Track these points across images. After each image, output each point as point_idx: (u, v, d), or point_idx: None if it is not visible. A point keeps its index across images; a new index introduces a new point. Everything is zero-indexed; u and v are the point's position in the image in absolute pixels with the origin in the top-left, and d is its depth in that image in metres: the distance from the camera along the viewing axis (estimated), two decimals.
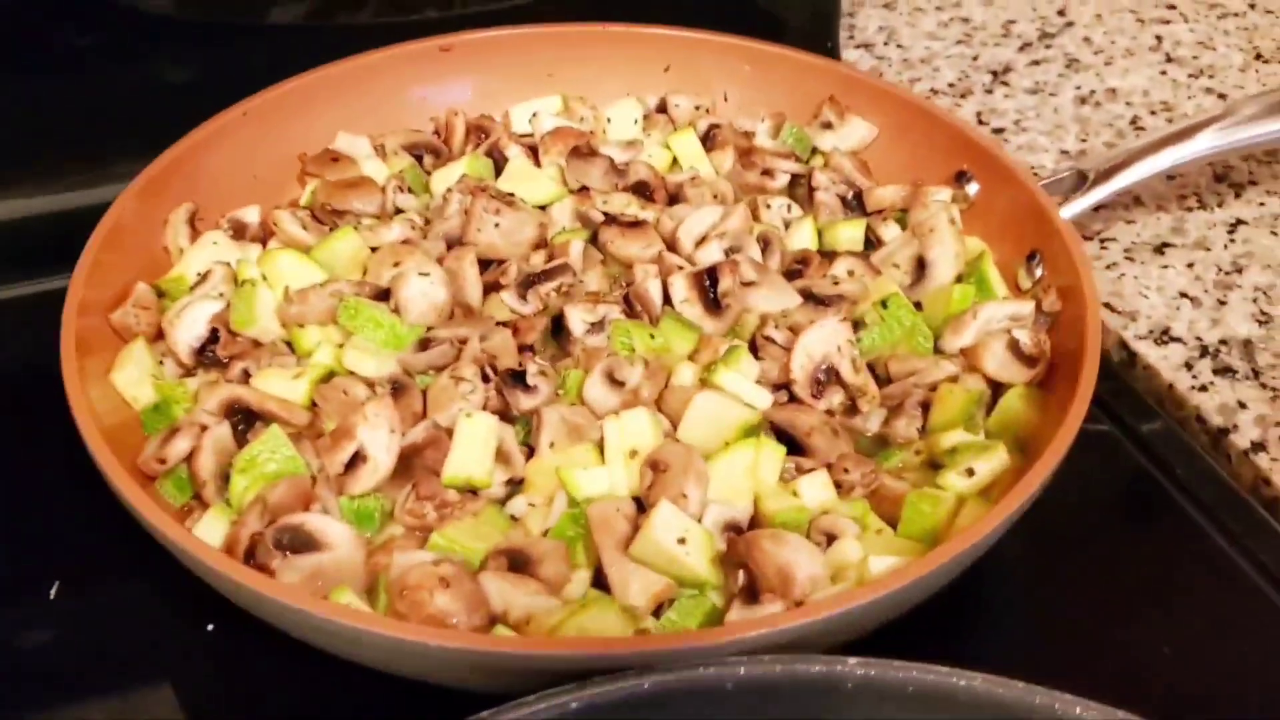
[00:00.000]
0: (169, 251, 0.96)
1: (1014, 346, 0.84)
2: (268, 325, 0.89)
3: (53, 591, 0.81)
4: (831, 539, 0.73)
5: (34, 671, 0.77)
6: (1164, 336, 0.96)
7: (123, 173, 0.96)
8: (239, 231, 0.99)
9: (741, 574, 0.70)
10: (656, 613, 0.70)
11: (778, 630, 0.62)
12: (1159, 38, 1.32)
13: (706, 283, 0.88)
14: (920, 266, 0.94)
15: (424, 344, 0.85)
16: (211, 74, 1.16)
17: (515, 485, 0.80)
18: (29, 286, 1.04)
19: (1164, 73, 1.27)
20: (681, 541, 0.69)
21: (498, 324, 0.87)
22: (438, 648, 0.61)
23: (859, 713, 0.60)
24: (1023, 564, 0.85)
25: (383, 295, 0.89)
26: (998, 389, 0.85)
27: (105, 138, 1.11)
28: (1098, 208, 1.06)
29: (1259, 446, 0.86)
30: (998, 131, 1.21)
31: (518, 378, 0.81)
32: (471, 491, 0.78)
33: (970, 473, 0.77)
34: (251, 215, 1.00)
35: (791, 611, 0.64)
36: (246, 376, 0.86)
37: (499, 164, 1.05)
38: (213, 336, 0.88)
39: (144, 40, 1.14)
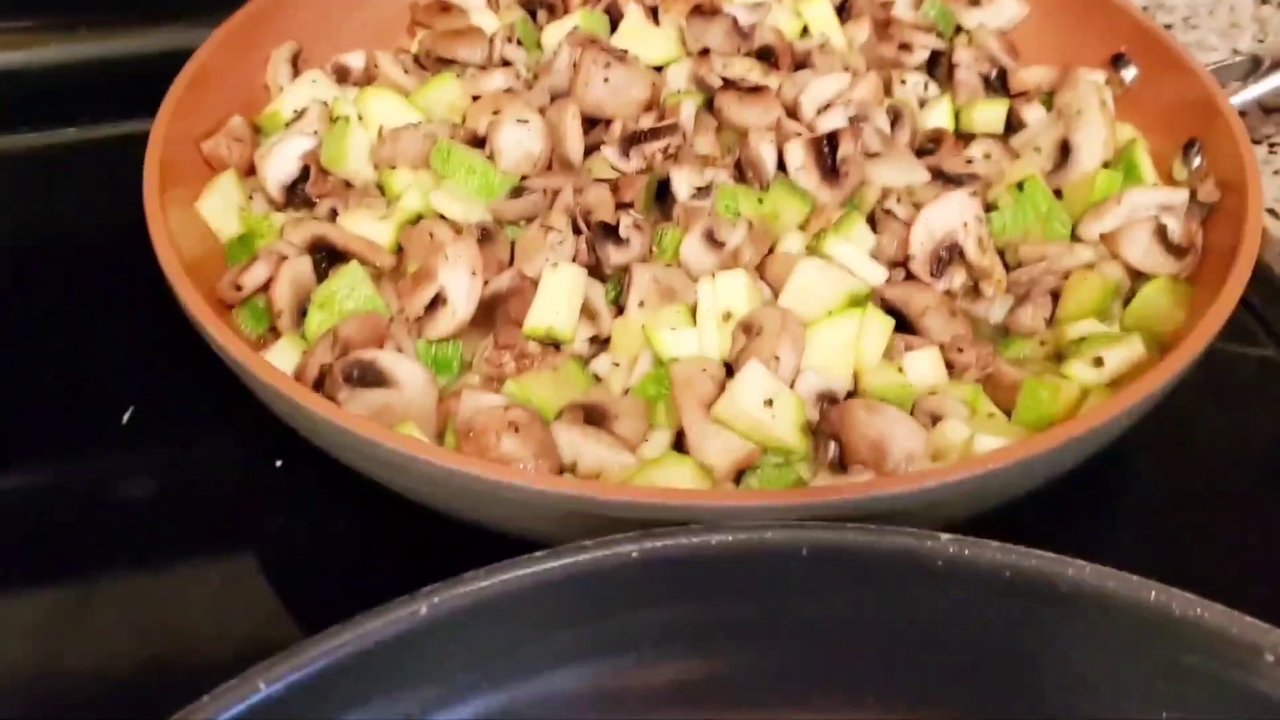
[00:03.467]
0: (269, 89, 0.93)
1: (1161, 234, 0.75)
2: (359, 167, 0.85)
3: (126, 416, 0.79)
4: (937, 421, 0.66)
5: (100, 491, 0.76)
6: None
7: (225, 12, 0.93)
8: (342, 75, 0.96)
9: (833, 446, 0.64)
10: (737, 480, 0.65)
11: (864, 498, 0.56)
12: None
13: (826, 149, 0.81)
14: (1064, 151, 0.85)
15: (516, 193, 0.81)
16: None
17: (600, 344, 0.75)
18: (123, 126, 1.02)
19: None
20: (769, 404, 0.64)
21: (596, 180, 0.82)
22: (494, 483, 0.57)
23: (946, 597, 0.54)
24: (1159, 483, 0.78)
25: (479, 142, 0.84)
26: (1139, 282, 0.77)
27: None
28: (1270, 110, 0.96)
29: None
30: (1166, 28, 1.10)
31: (609, 230, 0.76)
32: (554, 345, 0.74)
33: (1099, 362, 0.69)
34: (356, 60, 0.97)
35: (880, 480, 0.58)
36: (334, 216, 0.82)
37: (615, 22, 0.99)
38: (304, 174, 0.85)
39: None
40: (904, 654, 0.55)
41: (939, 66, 0.96)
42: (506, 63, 0.95)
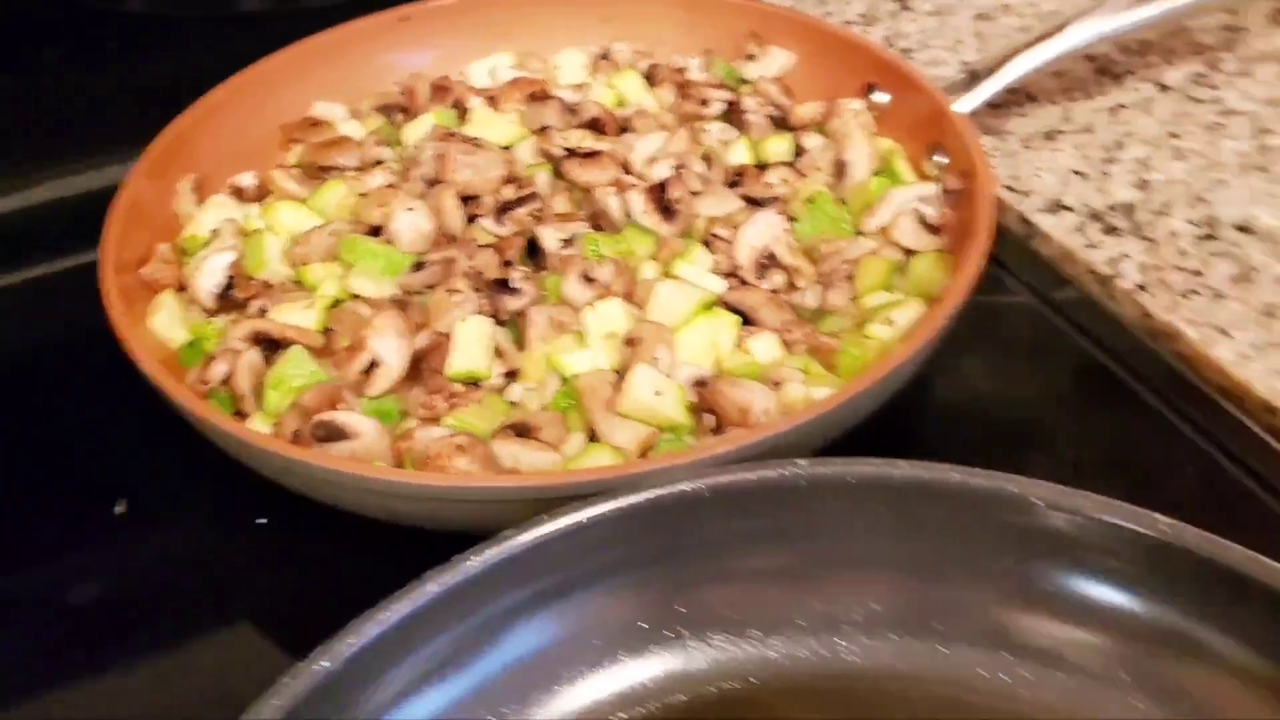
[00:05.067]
0: (180, 217, 1.08)
1: (921, 220, 0.98)
2: (277, 269, 1.01)
3: (118, 507, 0.93)
4: (782, 385, 0.87)
5: (100, 568, 0.90)
6: (1058, 207, 1.11)
7: (127, 155, 1.07)
8: (239, 194, 1.11)
9: (709, 417, 0.84)
10: (643, 457, 0.84)
11: (740, 447, 0.75)
12: None
13: (660, 194, 1.01)
14: (840, 167, 1.07)
15: (418, 267, 0.98)
16: (198, 63, 1.28)
17: (513, 376, 0.92)
18: (57, 264, 1.16)
19: None
20: (658, 394, 0.83)
21: (481, 246, 1.00)
22: (465, 489, 0.75)
23: (817, 507, 0.73)
24: (964, 403, 1.02)
25: (375, 232, 1.01)
26: (912, 258, 0.99)
27: (108, 127, 1.23)
28: (994, 105, 1.21)
29: (1141, 288, 1.01)
30: (905, 51, 1.35)
31: (503, 285, 0.94)
32: (474, 384, 0.91)
33: (891, 322, 0.91)
34: (248, 179, 1.13)
35: (748, 431, 0.77)
36: (263, 313, 0.98)
37: (463, 116, 1.18)
38: (230, 282, 1.00)
39: (127, 39, 1.25)
40: (795, 558, 0.74)
41: (733, 113, 1.18)
42: (379, 162, 1.13)
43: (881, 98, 1.14)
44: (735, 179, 1.09)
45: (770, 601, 0.72)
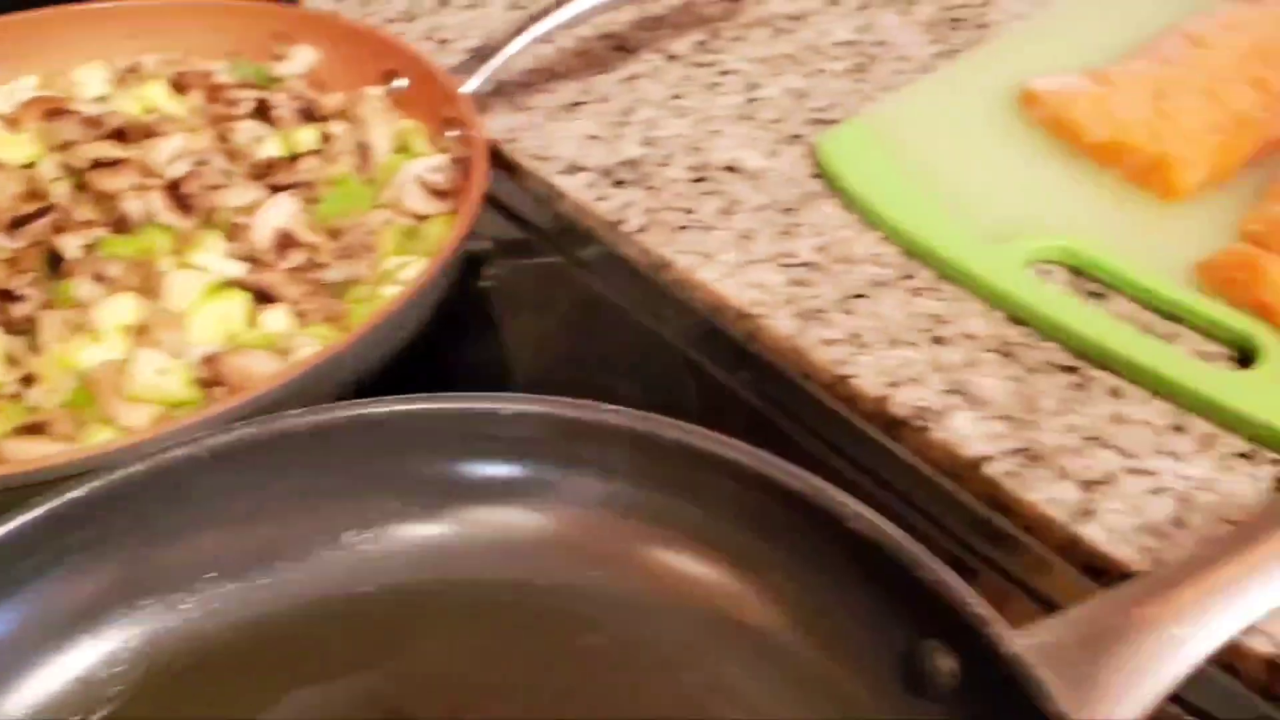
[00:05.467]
0: None
1: (428, 188, 1.05)
2: None
3: None
4: (292, 351, 0.91)
5: None
6: (575, 169, 1.21)
7: None
8: None
9: (219, 389, 0.87)
10: None
11: (234, 407, 0.79)
12: None
13: (176, 190, 1.04)
14: (364, 150, 1.14)
15: None
16: None
17: (29, 382, 0.93)
18: None
19: None
20: (162, 373, 0.86)
21: None
22: None
23: (296, 451, 0.78)
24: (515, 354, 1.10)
25: None
26: (426, 223, 1.06)
27: None
28: (524, 85, 1.30)
29: (642, 229, 1.12)
30: (445, 42, 1.43)
31: (6, 294, 0.94)
32: None
33: (400, 282, 0.97)
34: None
35: (239, 394, 0.81)
36: None
37: None
38: None
39: None
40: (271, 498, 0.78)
41: (264, 111, 1.22)
42: None
43: (401, 83, 1.21)
44: (267, 172, 1.13)
45: (253, 544, 0.75)
